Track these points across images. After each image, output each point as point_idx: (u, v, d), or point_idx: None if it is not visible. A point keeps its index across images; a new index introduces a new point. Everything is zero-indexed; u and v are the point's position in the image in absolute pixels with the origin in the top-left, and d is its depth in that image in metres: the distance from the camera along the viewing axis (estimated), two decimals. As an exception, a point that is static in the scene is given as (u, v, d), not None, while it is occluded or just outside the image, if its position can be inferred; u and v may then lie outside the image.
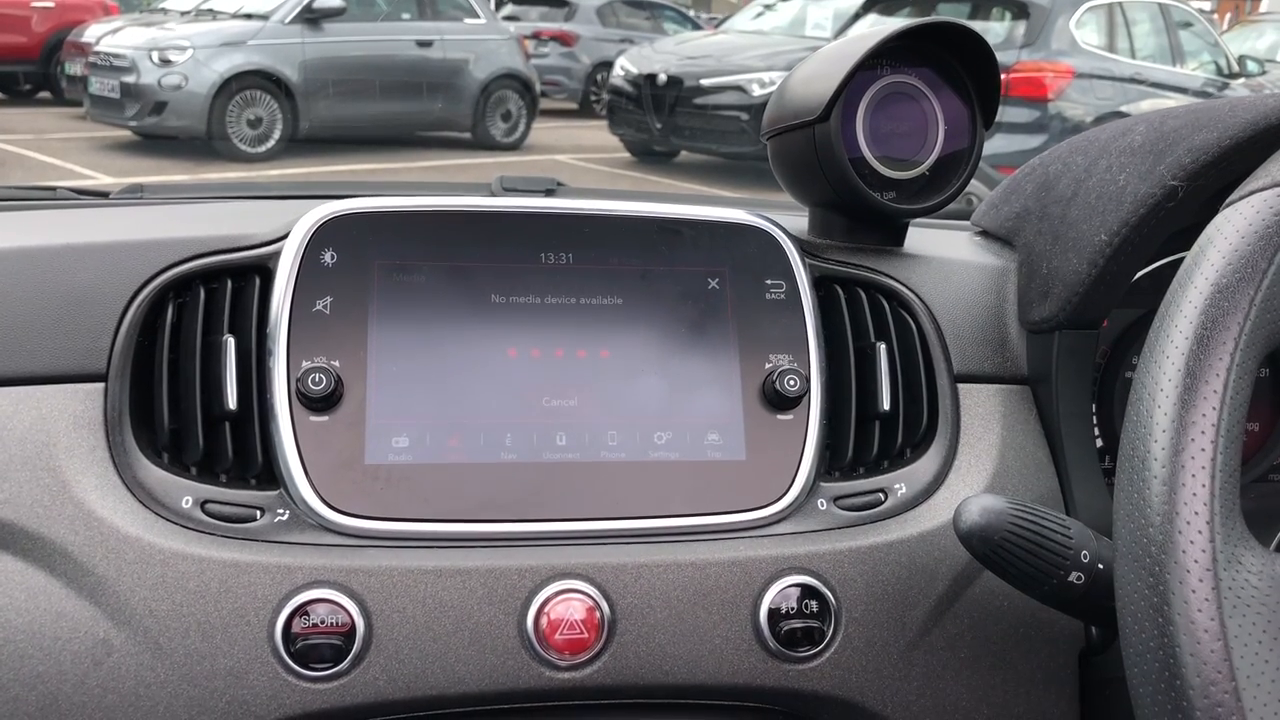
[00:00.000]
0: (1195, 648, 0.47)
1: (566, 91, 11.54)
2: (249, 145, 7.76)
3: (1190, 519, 0.49)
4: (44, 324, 0.71)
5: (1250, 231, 0.54)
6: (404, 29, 8.75)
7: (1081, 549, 0.63)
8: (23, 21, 9.81)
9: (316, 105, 8.03)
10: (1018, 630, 0.75)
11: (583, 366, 0.74)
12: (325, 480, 0.69)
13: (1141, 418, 0.53)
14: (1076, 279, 0.79)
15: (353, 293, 0.73)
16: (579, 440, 0.73)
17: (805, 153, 0.84)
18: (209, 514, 0.68)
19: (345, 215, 0.75)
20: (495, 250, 0.76)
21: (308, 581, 0.66)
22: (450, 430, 0.71)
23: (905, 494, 0.77)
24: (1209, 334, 0.52)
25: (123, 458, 0.69)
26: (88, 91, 7.97)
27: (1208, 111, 0.76)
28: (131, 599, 0.65)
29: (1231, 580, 0.49)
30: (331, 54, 8.13)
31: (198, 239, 0.75)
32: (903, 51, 0.86)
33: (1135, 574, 0.51)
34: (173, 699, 0.64)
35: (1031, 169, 0.91)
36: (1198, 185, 0.74)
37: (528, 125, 9.20)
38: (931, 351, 0.82)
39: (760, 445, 0.75)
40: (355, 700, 0.66)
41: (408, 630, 0.67)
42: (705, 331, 0.76)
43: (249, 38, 7.92)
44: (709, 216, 0.80)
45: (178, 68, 7.66)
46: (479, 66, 8.87)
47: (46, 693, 0.64)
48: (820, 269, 0.83)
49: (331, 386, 0.69)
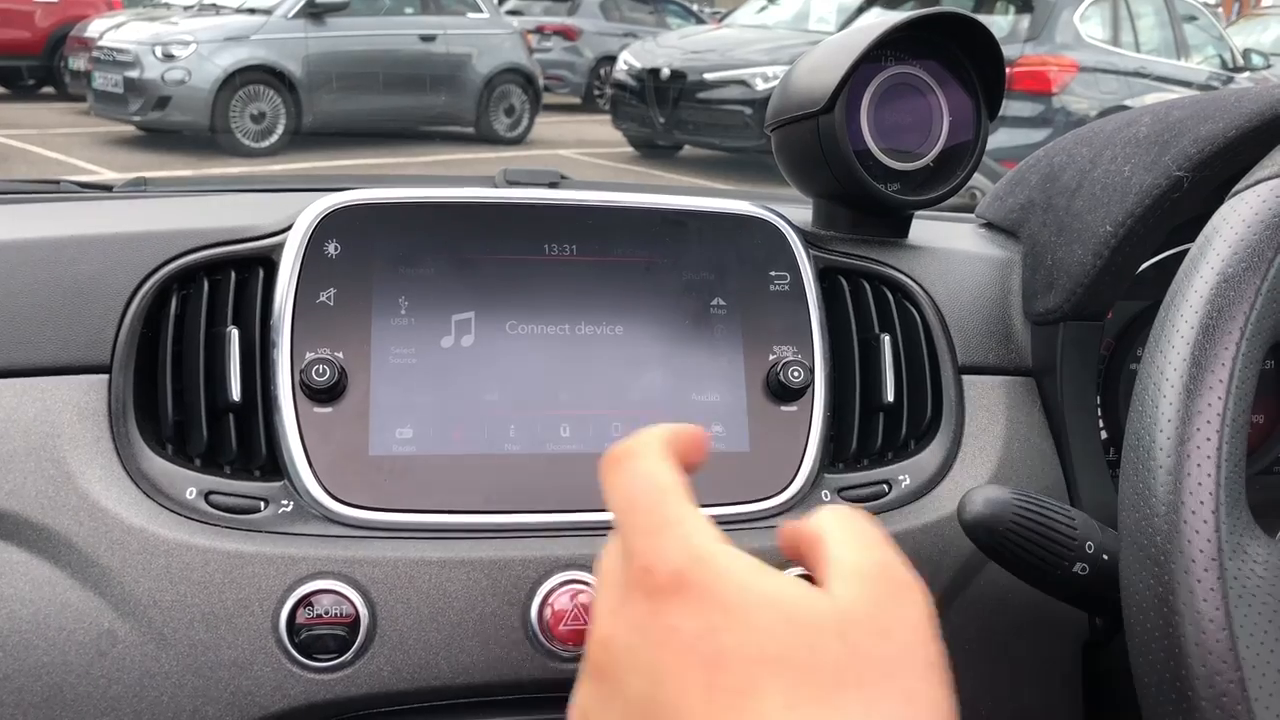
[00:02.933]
0: (1200, 638, 0.47)
1: (570, 86, 11.54)
2: (252, 140, 7.76)
3: (1195, 509, 0.49)
4: (48, 316, 0.71)
5: (1256, 221, 0.54)
6: (407, 23, 8.75)
7: (1086, 540, 0.63)
8: (26, 16, 9.82)
9: (320, 100, 8.03)
10: (1022, 621, 0.75)
11: (587, 358, 0.74)
12: (329, 471, 0.69)
13: (1147, 408, 0.53)
14: (1081, 270, 0.78)
15: (356, 284, 0.73)
16: (583, 432, 0.73)
17: (809, 144, 0.84)
18: (213, 505, 0.68)
19: (349, 207, 0.75)
20: (499, 242, 0.76)
21: (312, 572, 0.66)
22: (454, 422, 0.71)
23: (909, 485, 0.77)
24: (1215, 324, 0.52)
25: (127, 449, 0.69)
26: (91, 86, 7.97)
27: (1213, 102, 0.76)
28: (136, 590, 0.65)
29: (1237, 570, 0.49)
30: (335, 48, 8.13)
31: (201, 230, 0.75)
32: (907, 43, 0.85)
33: (1140, 564, 0.51)
34: (177, 689, 0.64)
35: (1036, 160, 0.91)
36: (1203, 176, 0.74)
37: (531, 120, 9.20)
38: (936, 343, 0.81)
39: (764, 437, 0.75)
40: (359, 691, 0.66)
41: (412, 621, 0.67)
42: (709, 323, 0.76)
43: (252, 32, 7.92)
44: (713, 208, 0.80)
45: (181, 62, 7.67)
46: (482, 61, 8.87)
47: (51, 683, 0.64)
48: (824, 260, 0.82)
49: (335, 378, 0.69)
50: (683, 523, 0.46)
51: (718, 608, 0.42)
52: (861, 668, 0.41)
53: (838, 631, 0.42)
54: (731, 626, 0.42)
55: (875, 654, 0.42)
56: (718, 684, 0.41)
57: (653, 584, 0.44)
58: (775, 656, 0.41)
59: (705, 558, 0.44)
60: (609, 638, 0.45)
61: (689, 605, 0.43)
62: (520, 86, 9.12)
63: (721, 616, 0.42)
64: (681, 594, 0.43)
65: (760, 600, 0.43)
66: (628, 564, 0.46)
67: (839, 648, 0.41)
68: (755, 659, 0.41)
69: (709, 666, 0.41)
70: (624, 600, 0.45)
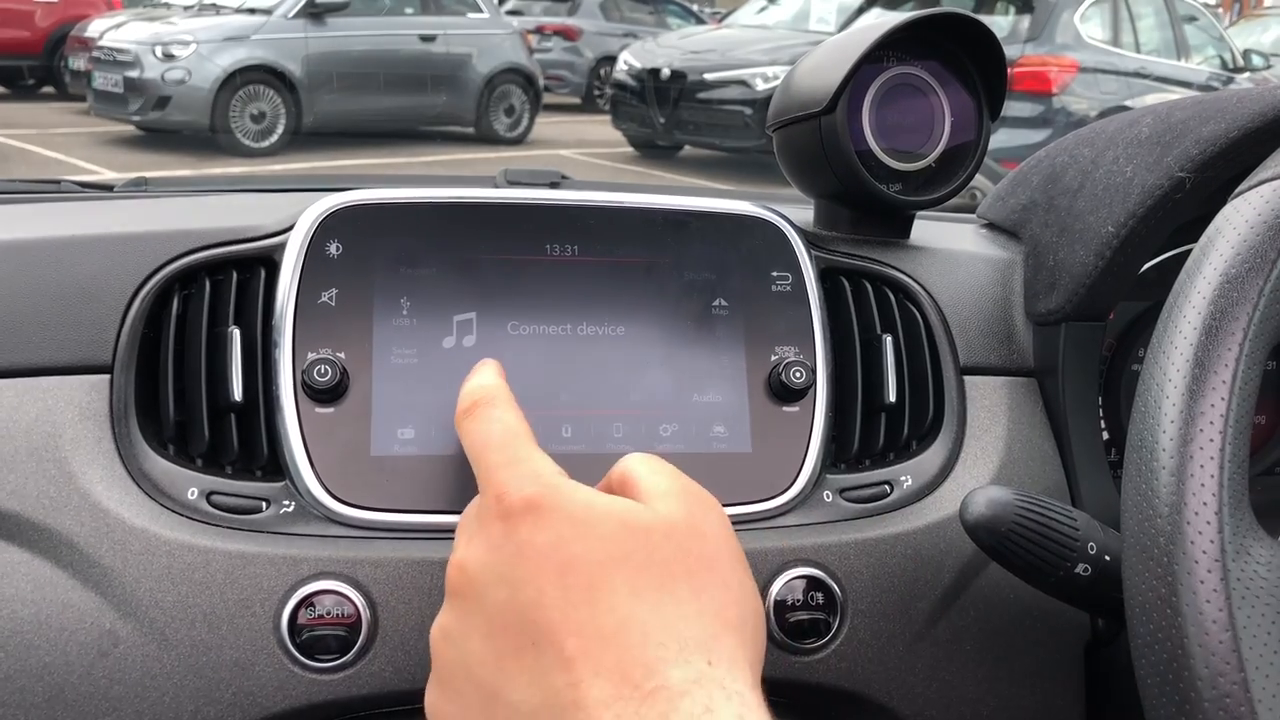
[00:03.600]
0: (1203, 639, 0.47)
1: (570, 86, 11.54)
2: (253, 140, 7.77)
3: (1199, 510, 0.49)
4: (49, 316, 0.71)
5: (1259, 221, 0.54)
6: (407, 24, 8.76)
7: (1088, 540, 0.63)
8: (26, 16, 9.83)
9: (320, 100, 8.04)
10: (1024, 622, 0.75)
11: (588, 358, 0.74)
12: (331, 472, 0.69)
13: (1149, 408, 0.53)
14: (1083, 271, 0.78)
15: (358, 284, 0.73)
16: (585, 432, 0.73)
17: (811, 144, 0.84)
18: (215, 505, 0.68)
19: (350, 207, 0.75)
20: (500, 242, 0.76)
21: (313, 573, 0.66)
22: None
23: (911, 486, 0.77)
24: (1217, 324, 0.52)
25: (128, 449, 0.69)
26: (91, 86, 7.98)
27: (1215, 103, 0.76)
28: (137, 590, 0.65)
29: (1240, 571, 0.49)
30: (335, 48, 8.14)
31: (202, 231, 0.75)
32: (909, 43, 0.85)
33: (1143, 565, 0.51)
34: (179, 690, 0.64)
35: (1038, 161, 0.91)
36: (1205, 176, 0.74)
37: (531, 120, 9.21)
38: (938, 344, 0.81)
39: (766, 437, 0.75)
40: (361, 691, 0.66)
41: (414, 621, 0.67)
42: (711, 323, 0.76)
43: (252, 32, 7.93)
44: (715, 208, 0.80)
45: (181, 62, 7.67)
46: (482, 61, 8.88)
47: (53, 683, 0.64)
48: (826, 261, 0.82)
49: (337, 378, 0.69)
50: (532, 459, 0.54)
51: (565, 522, 0.50)
52: (688, 561, 0.50)
53: (665, 534, 0.50)
54: (579, 536, 0.49)
55: (696, 551, 0.50)
56: (571, 583, 0.48)
57: (506, 508, 0.51)
58: (618, 557, 0.49)
59: (553, 484, 0.52)
60: (465, 560, 0.51)
61: (540, 521, 0.50)
62: (520, 86, 9.13)
63: (570, 528, 0.49)
64: (533, 513, 0.50)
65: (602, 515, 0.50)
66: (482, 497, 0.53)
67: (668, 547, 0.50)
68: (601, 561, 0.48)
69: (562, 570, 0.48)
70: (479, 528, 0.52)
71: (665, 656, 0.46)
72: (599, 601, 0.47)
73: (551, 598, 0.47)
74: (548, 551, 0.49)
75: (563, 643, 0.46)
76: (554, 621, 0.47)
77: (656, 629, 0.47)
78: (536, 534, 0.49)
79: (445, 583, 0.53)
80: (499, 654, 0.48)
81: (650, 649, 0.46)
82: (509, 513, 0.50)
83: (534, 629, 0.47)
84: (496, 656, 0.48)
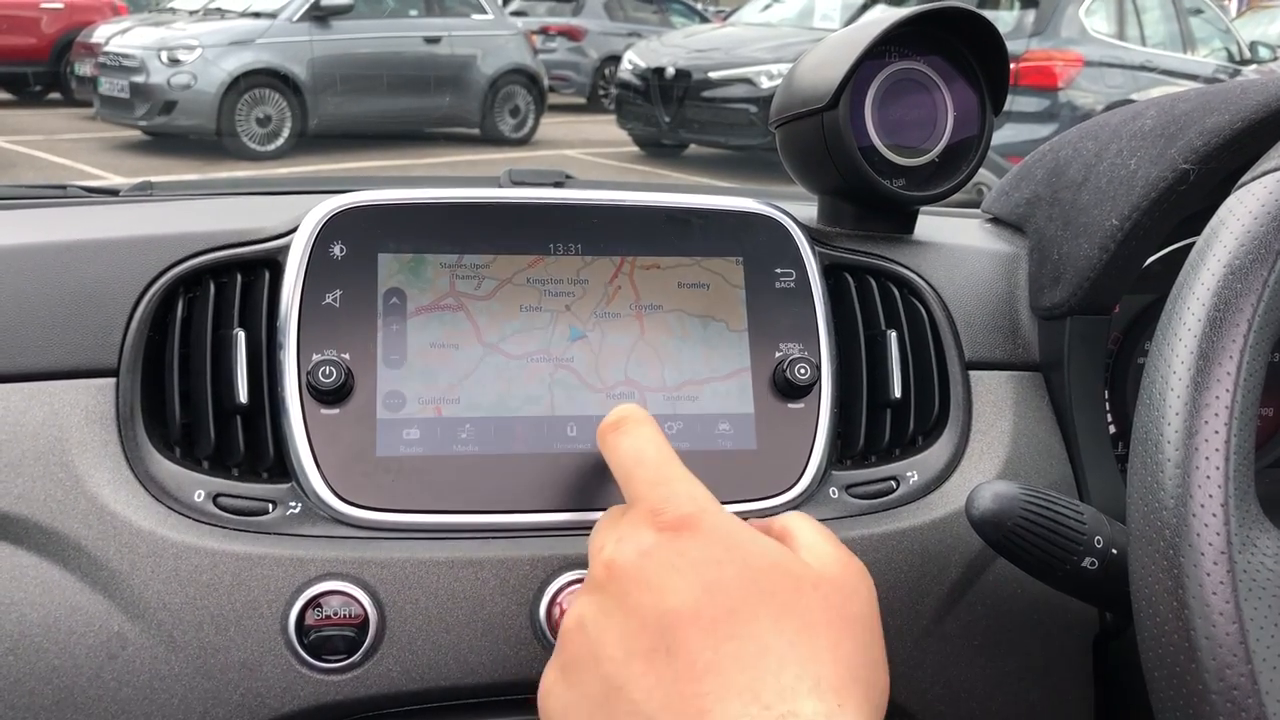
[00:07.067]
0: (1211, 631, 0.47)
1: (574, 86, 11.55)
2: (258, 143, 7.79)
3: (1205, 502, 0.49)
4: (55, 320, 0.71)
5: (1263, 212, 0.54)
6: (412, 25, 8.77)
7: (1095, 534, 0.63)
8: (32, 23, 9.86)
9: (325, 102, 8.05)
10: (1031, 616, 0.75)
11: (593, 357, 0.74)
12: (337, 473, 0.69)
13: (1154, 400, 0.53)
14: (1088, 264, 0.78)
15: (362, 285, 0.73)
16: (590, 431, 0.72)
17: (814, 140, 0.84)
18: (221, 507, 0.69)
19: (354, 208, 0.75)
20: (505, 242, 0.76)
21: (320, 574, 0.67)
22: (461, 422, 0.71)
23: (917, 481, 0.77)
24: (1222, 316, 0.52)
25: (135, 452, 0.69)
26: (97, 92, 8.00)
27: (1219, 94, 0.76)
28: (145, 592, 0.65)
29: (1246, 563, 0.49)
30: (340, 51, 8.15)
31: (207, 234, 0.75)
32: (911, 38, 0.85)
33: (1149, 558, 0.50)
34: (187, 692, 0.65)
35: (1042, 155, 0.91)
36: (1209, 168, 0.73)
37: (536, 120, 9.21)
38: (943, 338, 0.81)
39: (771, 434, 0.75)
40: (369, 692, 0.66)
41: (421, 621, 0.67)
42: (715, 321, 0.76)
43: (257, 36, 7.95)
44: (718, 205, 0.80)
45: (186, 67, 7.69)
46: (487, 62, 8.89)
47: (61, 686, 0.64)
48: (830, 257, 0.82)
49: (341, 379, 0.69)
50: (686, 479, 0.55)
51: (720, 544, 0.51)
52: (830, 615, 0.50)
53: (814, 584, 0.51)
54: (732, 560, 0.50)
55: (840, 608, 0.51)
56: (717, 602, 0.48)
57: (661, 522, 0.52)
58: (766, 590, 0.49)
59: (709, 508, 0.53)
60: (613, 558, 0.52)
61: (697, 539, 0.51)
62: (525, 87, 9.14)
63: (724, 552, 0.50)
64: (690, 530, 0.51)
65: (755, 548, 0.51)
66: (633, 508, 0.54)
67: (815, 596, 0.50)
68: (749, 589, 0.49)
69: (709, 588, 0.49)
70: (631, 532, 0.53)
71: (799, 689, 0.46)
72: (740, 625, 0.48)
73: (695, 611, 0.48)
74: (700, 567, 0.49)
75: (697, 655, 0.47)
76: (692, 634, 0.47)
77: (794, 662, 0.47)
78: (691, 549, 0.50)
79: (588, 578, 0.54)
80: (630, 652, 0.48)
81: (785, 678, 0.46)
82: (665, 526, 0.52)
83: (671, 635, 0.48)
84: (627, 654, 0.49)
